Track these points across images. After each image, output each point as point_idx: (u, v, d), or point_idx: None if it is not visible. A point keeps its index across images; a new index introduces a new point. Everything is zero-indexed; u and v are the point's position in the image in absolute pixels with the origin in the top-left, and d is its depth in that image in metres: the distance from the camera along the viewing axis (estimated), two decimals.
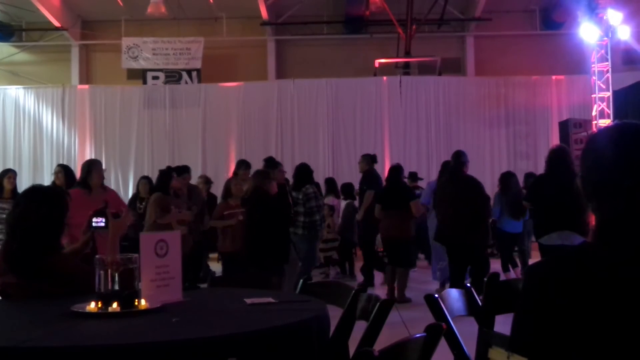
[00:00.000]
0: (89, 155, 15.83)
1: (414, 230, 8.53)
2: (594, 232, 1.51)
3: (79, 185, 6.35)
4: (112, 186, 11.70)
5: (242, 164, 8.99)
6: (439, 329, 2.03)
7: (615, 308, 1.38)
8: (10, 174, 8.25)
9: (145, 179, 10.03)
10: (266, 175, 7.19)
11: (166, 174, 7.80)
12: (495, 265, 9.91)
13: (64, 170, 7.68)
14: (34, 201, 3.15)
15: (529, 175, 10.23)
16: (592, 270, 1.43)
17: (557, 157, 6.29)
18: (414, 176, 11.56)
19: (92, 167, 6.39)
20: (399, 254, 8.32)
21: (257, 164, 12.80)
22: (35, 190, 3.35)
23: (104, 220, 3.33)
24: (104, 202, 3.50)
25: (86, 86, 16.46)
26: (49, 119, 16.10)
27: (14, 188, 8.03)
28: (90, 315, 2.52)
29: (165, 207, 7.38)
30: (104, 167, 6.89)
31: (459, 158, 7.72)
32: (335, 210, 10.87)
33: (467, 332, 2.60)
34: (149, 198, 7.91)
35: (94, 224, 3.38)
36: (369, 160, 9.76)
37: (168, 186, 7.63)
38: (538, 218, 6.58)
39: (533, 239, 9.15)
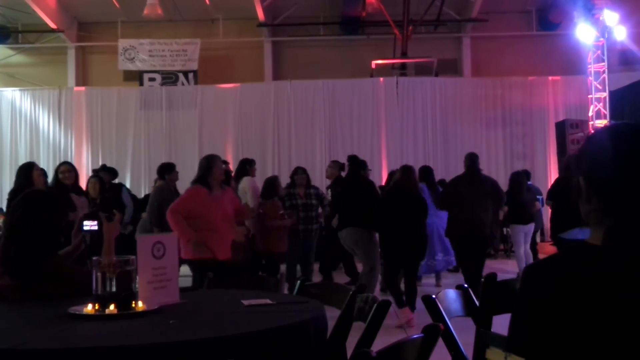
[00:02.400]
0: (85, 157, 15.82)
1: None
2: (592, 232, 1.51)
3: (199, 182, 5.96)
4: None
5: (251, 162, 9.01)
6: (437, 330, 2.03)
7: (612, 308, 1.38)
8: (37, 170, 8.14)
9: (96, 177, 9.12)
10: (411, 171, 7.28)
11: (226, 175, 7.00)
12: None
13: (74, 170, 7.41)
14: (35, 205, 3.15)
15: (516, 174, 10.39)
16: (589, 271, 1.43)
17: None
18: None
19: (212, 163, 6.01)
20: None
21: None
22: (36, 194, 3.36)
23: (96, 223, 3.33)
24: (95, 206, 3.50)
25: (82, 88, 16.44)
26: (45, 121, 16.07)
27: None
28: (88, 317, 2.52)
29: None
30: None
31: (476, 159, 8.07)
32: None
33: (464, 333, 2.60)
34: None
35: (85, 227, 3.37)
36: (340, 167, 9.83)
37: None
38: (559, 215, 7.36)
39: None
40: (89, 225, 3.37)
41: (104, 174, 9.67)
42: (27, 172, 7.01)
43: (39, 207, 3.14)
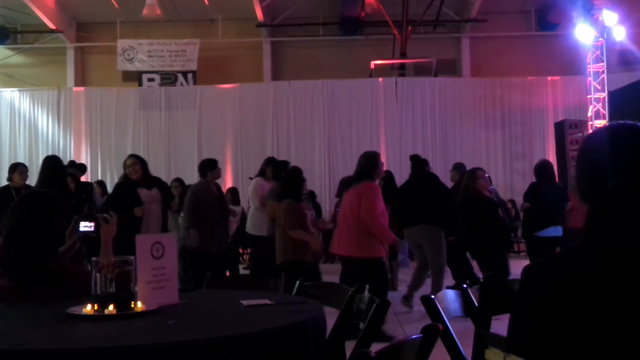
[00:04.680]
0: (84, 157, 15.81)
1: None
2: (587, 232, 1.52)
3: (369, 178, 6.11)
4: (108, 189, 11.65)
5: (269, 163, 8.60)
6: (436, 330, 2.03)
7: (607, 308, 1.38)
8: (22, 168, 7.58)
9: (70, 175, 7.77)
10: (475, 175, 7.54)
11: (297, 174, 6.78)
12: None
13: (140, 162, 6.80)
14: (35, 206, 3.15)
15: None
16: (584, 271, 1.44)
17: (544, 169, 8.11)
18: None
19: (378, 160, 6.17)
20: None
21: (253, 165, 12.85)
22: (36, 194, 3.36)
23: (93, 225, 3.32)
24: (90, 206, 3.48)
25: (82, 88, 16.44)
26: (44, 122, 16.08)
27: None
28: (87, 317, 2.51)
29: (300, 218, 6.49)
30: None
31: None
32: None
33: (463, 333, 2.60)
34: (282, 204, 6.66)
35: (82, 229, 3.36)
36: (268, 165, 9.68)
37: (301, 189, 6.60)
38: (534, 215, 7.99)
39: None
40: (86, 226, 3.36)
41: (74, 171, 8.77)
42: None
43: (38, 207, 3.14)
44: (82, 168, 9.51)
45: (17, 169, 7.64)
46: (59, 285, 2.99)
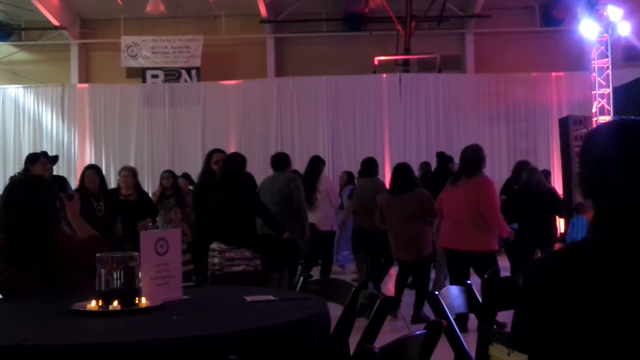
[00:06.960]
0: (88, 153, 15.85)
1: None
2: (592, 227, 1.51)
3: (481, 171, 6.51)
4: (111, 185, 11.67)
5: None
6: (440, 326, 2.03)
7: (611, 304, 1.38)
8: (44, 159, 6.90)
9: (94, 169, 7.70)
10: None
11: (409, 168, 7.41)
12: None
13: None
14: (30, 189, 3.24)
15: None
16: (588, 266, 1.43)
17: (521, 166, 8.52)
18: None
19: (484, 154, 6.59)
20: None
21: (257, 162, 12.86)
22: (23, 181, 3.49)
23: (57, 204, 3.47)
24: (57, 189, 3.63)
25: (85, 85, 16.46)
26: (48, 118, 16.10)
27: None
28: (91, 313, 2.52)
29: None
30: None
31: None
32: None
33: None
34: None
35: None
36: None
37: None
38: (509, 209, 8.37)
39: None
40: None
41: (47, 162, 7.59)
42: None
43: (34, 189, 3.22)
44: (54, 159, 8.91)
45: (39, 159, 6.84)
46: (66, 259, 3.06)
